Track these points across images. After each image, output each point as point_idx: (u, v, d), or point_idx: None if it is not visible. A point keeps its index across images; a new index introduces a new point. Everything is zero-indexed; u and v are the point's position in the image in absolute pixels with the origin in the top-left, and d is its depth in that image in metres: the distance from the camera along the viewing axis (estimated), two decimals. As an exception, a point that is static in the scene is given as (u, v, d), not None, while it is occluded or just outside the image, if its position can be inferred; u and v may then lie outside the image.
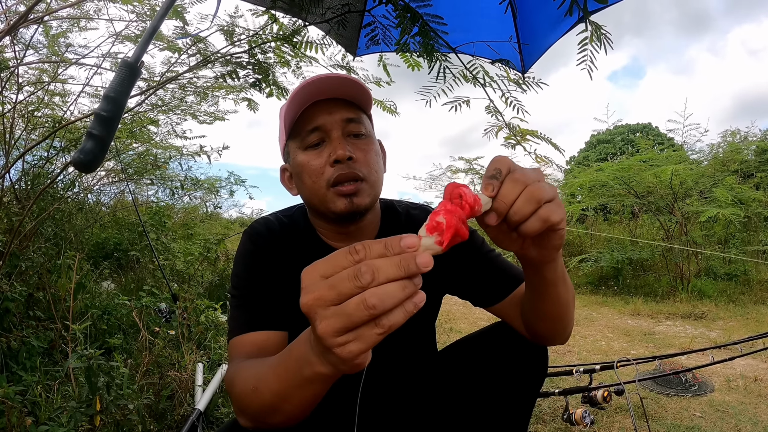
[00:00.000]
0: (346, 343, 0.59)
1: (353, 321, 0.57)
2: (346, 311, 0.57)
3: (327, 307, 0.58)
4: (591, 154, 23.64)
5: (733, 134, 9.11)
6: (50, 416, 1.92)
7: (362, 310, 0.56)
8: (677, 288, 6.74)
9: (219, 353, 2.86)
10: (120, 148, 4.97)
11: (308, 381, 0.74)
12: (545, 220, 0.72)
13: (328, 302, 0.58)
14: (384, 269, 0.57)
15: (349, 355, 0.60)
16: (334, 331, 0.58)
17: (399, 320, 0.58)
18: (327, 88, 1.12)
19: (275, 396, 0.82)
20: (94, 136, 1.03)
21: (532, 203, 0.71)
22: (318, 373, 0.70)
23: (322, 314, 0.59)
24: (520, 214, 0.70)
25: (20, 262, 2.82)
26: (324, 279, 0.59)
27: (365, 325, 0.58)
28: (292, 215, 1.30)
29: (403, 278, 0.57)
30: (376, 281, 0.56)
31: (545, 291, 0.98)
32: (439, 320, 4.21)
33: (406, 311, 0.58)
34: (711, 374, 3.22)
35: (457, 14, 2.07)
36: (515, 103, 2.29)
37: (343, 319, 0.57)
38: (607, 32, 1.69)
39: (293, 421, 0.86)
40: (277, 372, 0.81)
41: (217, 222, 11.29)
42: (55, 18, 3.29)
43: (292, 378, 0.77)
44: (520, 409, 1.26)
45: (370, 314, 0.56)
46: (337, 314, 0.58)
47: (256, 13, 2.54)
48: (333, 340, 0.59)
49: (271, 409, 0.84)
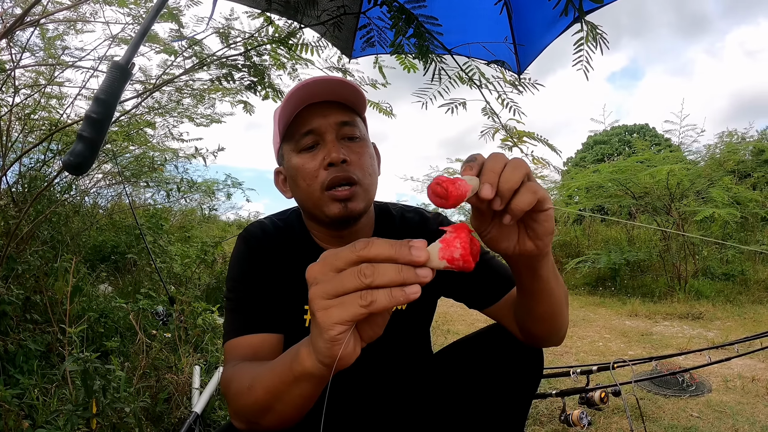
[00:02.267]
0: (329, 308, 0.61)
1: (344, 286, 0.60)
2: (340, 277, 0.61)
3: (326, 273, 0.63)
4: (588, 155, 23.69)
5: (730, 135, 9.11)
6: (47, 419, 1.92)
7: (354, 276, 0.59)
8: (674, 288, 6.75)
9: (216, 356, 2.85)
10: (117, 151, 4.96)
11: (297, 378, 0.75)
12: (534, 192, 0.72)
13: (327, 271, 0.63)
14: (382, 252, 0.60)
15: (328, 321, 0.62)
16: (324, 293, 0.62)
17: (383, 303, 0.59)
18: (321, 91, 1.12)
19: (268, 394, 0.82)
20: (84, 138, 1.02)
21: (520, 170, 0.71)
22: (305, 368, 0.72)
23: (317, 279, 0.63)
24: (511, 181, 0.71)
25: (17, 265, 2.81)
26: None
27: (351, 294, 0.60)
28: (287, 218, 1.30)
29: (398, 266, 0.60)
30: (375, 257, 0.60)
31: (540, 290, 0.97)
32: (435, 322, 4.20)
33: (392, 296, 0.59)
34: (708, 374, 3.22)
35: (452, 15, 2.08)
36: (511, 105, 2.29)
37: (335, 283, 0.61)
38: (602, 32, 1.69)
39: (286, 423, 0.86)
40: (273, 368, 0.82)
41: (214, 224, 11.28)
42: (52, 21, 3.28)
43: (285, 374, 0.78)
44: (517, 410, 1.26)
45: (360, 282, 0.59)
46: (330, 280, 0.61)
47: (252, 16, 2.54)
48: (319, 303, 0.62)
49: (264, 408, 0.84)
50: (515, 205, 0.72)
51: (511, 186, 0.71)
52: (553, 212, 0.78)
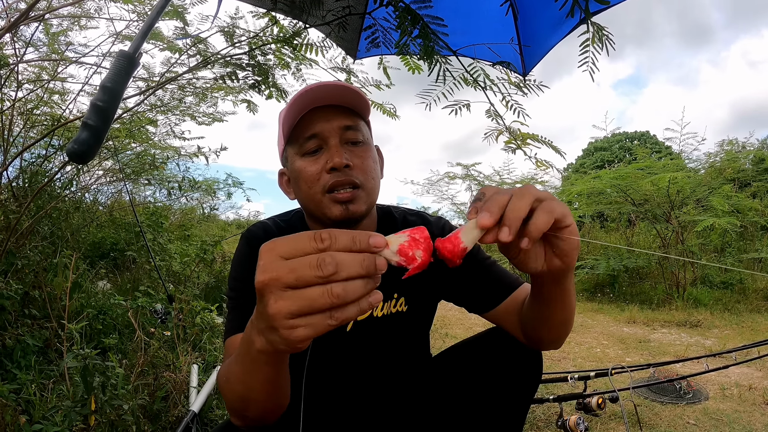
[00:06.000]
0: (296, 327, 0.59)
1: (312, 307, 0.57)
2: (308, 296, 0.57)
3: (284, 289, 0.58)
4: (588, 161, 23.69)
5: (731, 143, 9.14)
6: (44, 415, 1.91)
7: (326, 297, 0.56)
8: (673, 296, 6.74)
9: (214, 355, 2.85)
10: (118, 148, 4.96)
11: (254, 362, 0.75)
12: (550, 211, 0.71)
13: (285, 284, 0.58)
14: (347, 265, 0.57)
15: (296, 339, 0.60)
16: (289, 313, 0.58)
17: (352, 315, 0.58)
18: (325, 96, 1.13)
19: (241, 384, 0.82)
20: (89, 126, 1.01)
21: (526, 197, 0.71)
22: (258, 351, 0.69)
23: (277, 294, 0.59)
24: (518, 209, 0.70)
25: (16, 260, 2.81)
26: (284, 260, 0.59)
27: (320, 314, 0.58)
28: (290, 220, 1.31)
29: (363, 276, 0.58)
30: (338, 276, 0.57)
31: (561, 298, 0.98)
32: (434, 326, 4.20)
33: (360, 308, 0.59)
34: (705, 382, 3.22)
35: (458, 16, 2.08)
36: (516, 107, 2.29)
37: (302, 303, 0.57)
38: (609, 33, 1.69)
39: (268, 414, 0.87)
40: (237, 359, 0.82)
41: (214, 224, 11.27)
42: (56, 16, 3.29)
43: (245, 361, 0.77)
44: (515, 414, 1.26)
45: (331, 303, 0.57)
46: (296, 297, 0.58)
47: (257, 15, 2.54)
48: (284, 322, 0.59)
49: (242, 398, 0.85)
50: (531, 228, 0.71)
51: (518, 215, 0.70)
52: (575, 227, 0.77)
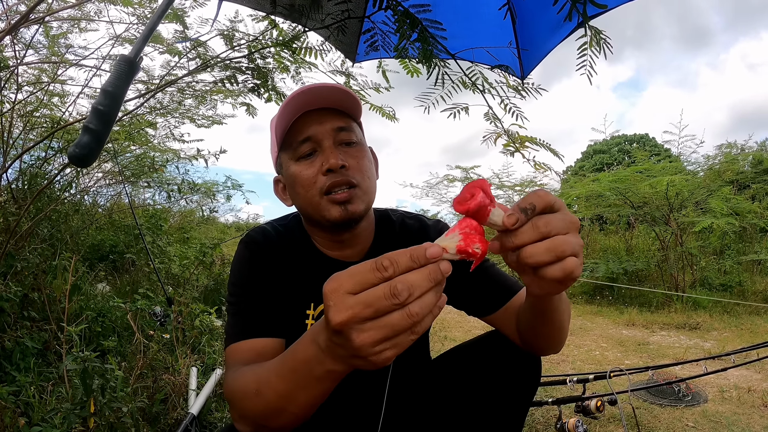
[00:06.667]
0: (383, 351, 0.62)
1: (395, 331, 0.60)
2: (389, 323, 0.60)
3: (364, 322, 0.61)
4: (587, 164, 23.67)
5: (730, 146, 9.15)
6: (43, 417, 1.91)
7: (406, 320, 0.60)
8: (672, 298, 6.74)
9: (213, 358, 2.85)
10: (118, 150, 4.96)
11: (318, 380, 0.76)
12: (568, 273, 0.68)
13: (364, 318, 0.60)
14: (418, 284, 0.60)
15: (384, 362, 0.63)
16: (374, 342, 0.61)
17: (429, 324, 0.63)
18: (316, 98, 1.13)
19: (281, 398, 0.82)
20: (90, 130, 1.02)
21: (550, 253, 0.67)
22: (331, 371, 0.72)
23: (358, 329, 0.61)
24: (533, 259, 0.67)
25: (16, 262, 2.81)
26: (352, 295, 0.61)
27: (403, 333, 0.61)
28: (288, 224, 1.31)
29: (434, 288, 0.61)
30: (413, 297, 0.59)
31: (551, 311, 1.00)
32: (433, 328, 4.20)
33: (433, 315, 0.62)
34: (704, 385, 3.22)
35: (457, 20, 2.08)
36: (514, 110, 2.30)
37: (386, 330, 0.60)
38: (606, 37, 1.70)
39: (296, 423, 0.86)
40: (282, 374, 0.82)
41: (213, 226, 11.25)
42: (56, 18, 3.29)
43: (299, 379, 0.78)
44: (513, 417, 1.26)
45: (413, 323, 0.60)
46: (378, 327, 0.60)
47: (257, 19, 2.55)
48: (371, 350, 0.62)
49: (275, 411, 0.85)
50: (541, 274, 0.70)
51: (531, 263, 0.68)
52: (580, 271, 0.71)
